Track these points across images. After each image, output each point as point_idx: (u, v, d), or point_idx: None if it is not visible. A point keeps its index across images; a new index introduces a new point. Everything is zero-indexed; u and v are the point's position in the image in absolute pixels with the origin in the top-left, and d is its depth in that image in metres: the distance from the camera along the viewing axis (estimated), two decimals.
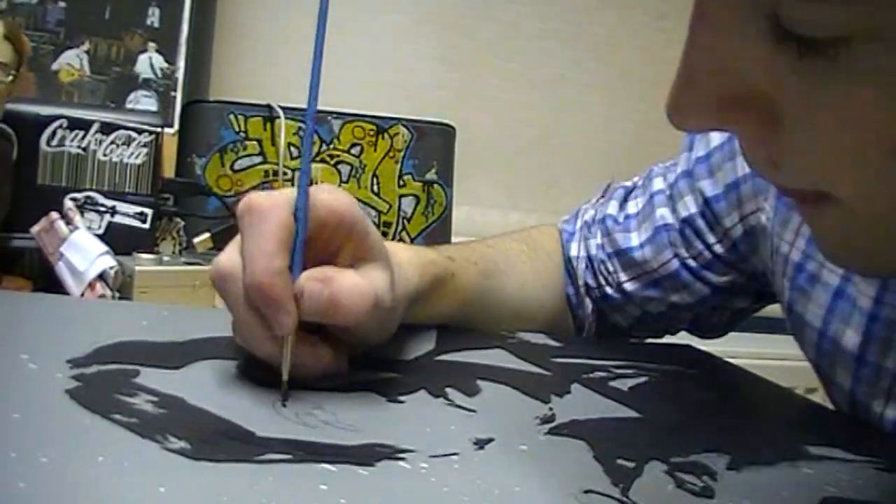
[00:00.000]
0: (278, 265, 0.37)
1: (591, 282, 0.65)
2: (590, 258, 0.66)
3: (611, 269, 0.64)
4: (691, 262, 0.60)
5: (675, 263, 0.60)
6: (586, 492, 0.31)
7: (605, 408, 0.43)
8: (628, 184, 0.68)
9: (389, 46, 1.43)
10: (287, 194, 0.39)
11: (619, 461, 0.35)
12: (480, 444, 0.35)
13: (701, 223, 0.59)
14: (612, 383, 0.48)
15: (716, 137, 0.58)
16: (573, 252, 0.66)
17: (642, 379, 0.50)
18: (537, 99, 1.51)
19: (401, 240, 1.10)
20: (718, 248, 0.59)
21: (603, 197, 0.70)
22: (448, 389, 0.42)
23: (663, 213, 0.61)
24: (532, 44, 1.50)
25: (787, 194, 0.31)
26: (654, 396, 0.47)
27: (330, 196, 0.40)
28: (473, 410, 0.40)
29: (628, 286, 0.63)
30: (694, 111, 0.29)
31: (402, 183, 1.10)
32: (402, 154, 1.10)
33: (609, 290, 0.64)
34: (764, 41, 0.26)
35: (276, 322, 0.37)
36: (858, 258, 0.32)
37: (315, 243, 0.39)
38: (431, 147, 1.12)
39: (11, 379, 0.35)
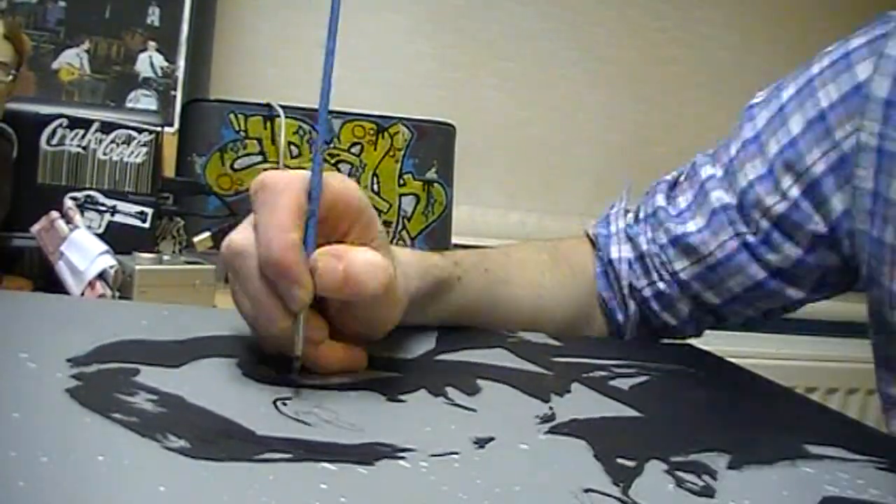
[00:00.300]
0: (293, 239, 0.37)
1: (638, 281, 0.64)
2: (635, 257, 0.65)
3: (664, 259, 0.63)
4: (750, 238, 0.59)
5: (734, 243, 0.60)
6: (586, 491, 0.31)
7: (605, 407, 0.43)
8: (669, 178, 0.67)
9: (389, 46, 1.43)
10: (300, 174, 0.39)
11: (620, 460, 0.35)
12: (481, 443, 0.35)
13: (762, 188, 0.58)
14: (612, 382, 0.48)
15: (786, 93, 0.59)
16: (614, 254, 0.65)
17: (642, 378, 0.50)
18: (537, 99, 1.51)
19: (401, 239, 1.10)
20: (779, 208, 0.58)
21: (625, 201, 0.69)
22: (448, 388, 0.42)
23: (719, 196, 0.61)
24: (532, 44, 1.50)
25: None
26: (654, 396, 0.47)
27: (340, 182, 0.41)
28: (474, 410, 0.40)
29: (684, 274, 0.62)
30: None
31: (402, 182, 1.10)
32: (402, 153, 1.10)
33: (662, 284, 0.63)
34: None
35: (290, 296, 0.37)
36: None
37: (324, 225, 0.40)
38: (431, 146, 1.12)
39: (11, 378, 0.35)
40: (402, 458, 0.32)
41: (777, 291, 0.61)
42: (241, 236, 0.39)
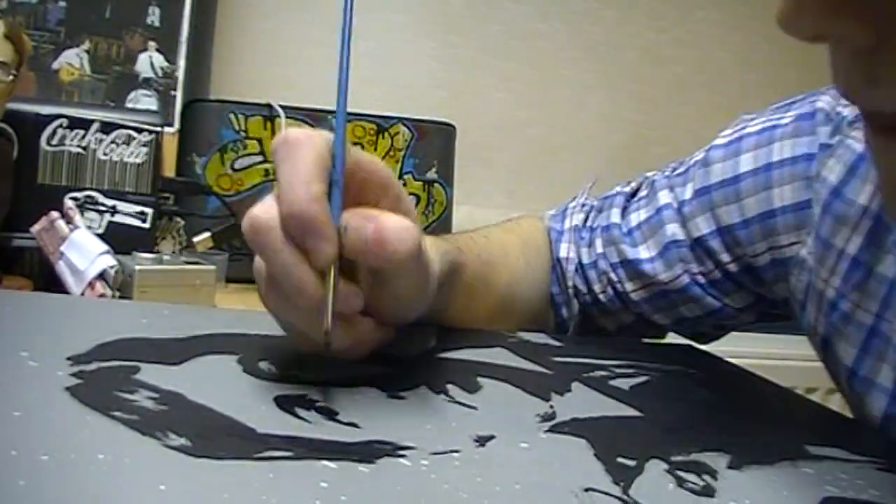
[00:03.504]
0: (317, 191, 0.35)
1: (582, 287, 0.65)
2: (583, 264, 0.65)
3: (615, 278, 0.63)
4: (701, 279, 0.60)
5: (686, 279, 0.60)
6: (587, 490, 0.31)
7: (605, 406, 0.43)
8: (626, 189, 0.67)
9: (389, 46, 1.43)
10: (322, 132, 0.37)
11: (620, 459, 0.35)
12: (481, 441, 0.35)
13: (715, 243, 0.58)
14: (612, 382, 0.48)
15: (745, 162, 0.57)
16: (563, 253, 0.66)
17: (643, 378, 0.50)
18: (537, 99, 1.51)
19: None
20: (732, 268, 0.58)
21: (586, 195, 0.70)
22: (449, 386, 0.42)
23: (674, 230, 0.60)
24: (532, 44, 1.50)
25: (872, 120, 0.30)
26: (654, 395, 0.47)
27: (362, 152, 0.39)
28: (474, 407, 0.40)
29: (635, 296, 0.62)
30: (812, 10, 0.27)
31: (402, 182, 1.10)
32: (402, 153, 1.10)
33: (603, 296, 0.64)
34: None
35: (317, 252, 0.35)
36: None
37: (348, 190, 0.38)
38: (432, 146, 1.12)
39: (12, 376, 0.35)
40: (402, 455, 0.32)
41: (732, 316, 0.62)
42: (262, 209, 0.36)
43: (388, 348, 0.46)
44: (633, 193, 0.66)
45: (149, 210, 0.81)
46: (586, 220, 0.67)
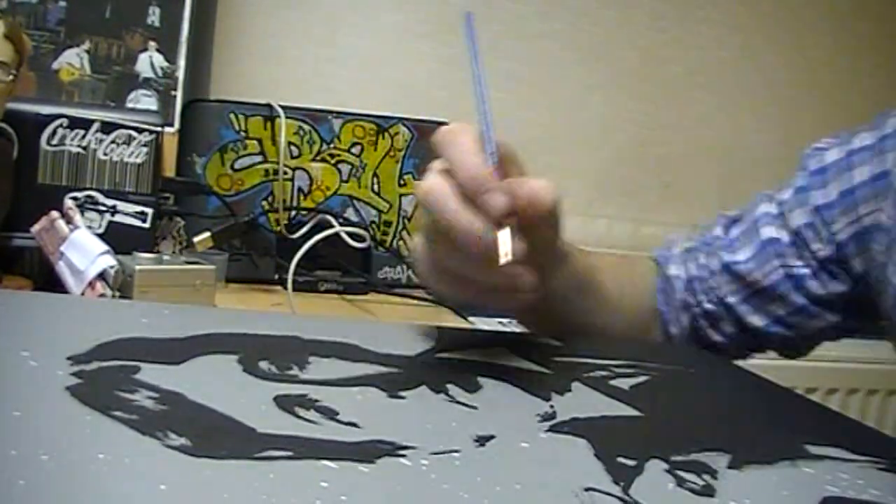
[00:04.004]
0: (483, 161, 0.45)
1: (690, 299, 0.68)
2: (688, 278, 0.69)
3: (713, 284, 0.67)
4: (796, 272, 0.64)
5: (780, 273, 0.64)
6: (587, 489, 0.31)
7: (605, 406, 0.43)
8: (732, 214, 0.71)
9: (389, 46, 1.43)
10: (469, 126, 0.48)
11: (620, 459, 0.35)
12: (481, 441, 0.35)
13: (809, 233, 0.64)
14: (612, 382, 0.48)
15: (830, 155, 0.64)
16: (672, 271, 0.70)
17: (643, 378, 0.50)
18: (537, 99, 1.51)
19: (401, 239, 1.10)
20: (822, 254, 0.63)
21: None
22: (449, 385, 0.42)
23: (769, 231, 0.65)
24: (532, 44, 1.50)
25: None
26: (654, 395, 0.47)
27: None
28: (474, 407, 0.40)
29: (730, 299, 0.66)
30: None
31: (402, 182, 1.10)
32: (402, 153, 1.10)
33: (708, 305, 0.67)
34: None
35: (494, 204, 0.44)
36: None
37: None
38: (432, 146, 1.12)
39: (12, 376, 0.35)
40: (402, 455, 0.32)
41: (816, 316, 0.65)
42: (434, 181, 0.46)
43: (388, 347, 0.46)
44: (737, 217, 0.70)
45: (149, 210, 0.81)
46: (692, 246, 0.71)
